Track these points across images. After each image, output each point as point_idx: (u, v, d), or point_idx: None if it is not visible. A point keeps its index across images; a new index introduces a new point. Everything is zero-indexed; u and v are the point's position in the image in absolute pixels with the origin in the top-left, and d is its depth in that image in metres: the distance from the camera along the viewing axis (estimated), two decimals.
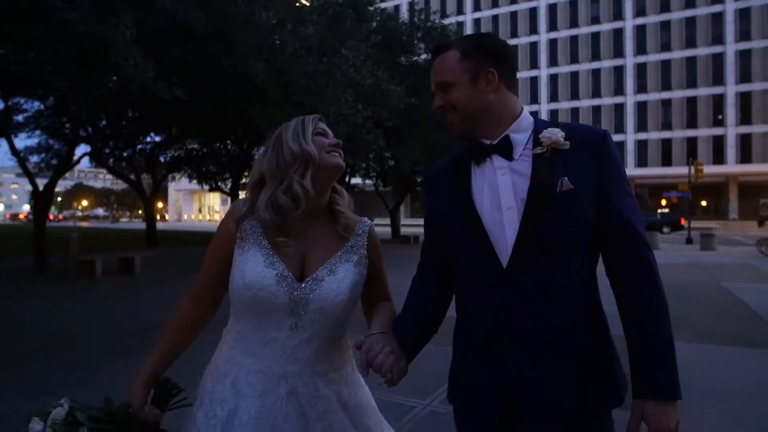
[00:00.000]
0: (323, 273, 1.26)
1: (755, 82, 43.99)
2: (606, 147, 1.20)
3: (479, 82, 1.21)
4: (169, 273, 11.77)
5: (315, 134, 1.30)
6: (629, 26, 48.65)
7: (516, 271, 1.18)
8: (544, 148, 1.18)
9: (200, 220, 69.32)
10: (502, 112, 1.23)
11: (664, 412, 1.11)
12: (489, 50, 1.24)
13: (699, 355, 4.74)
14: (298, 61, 7.33)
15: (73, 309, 7.35)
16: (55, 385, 3.91)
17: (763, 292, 8.39)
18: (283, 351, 1.24)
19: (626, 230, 1.18)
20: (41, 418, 1.13)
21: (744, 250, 17.33)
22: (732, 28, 44.66)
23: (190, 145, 21.35)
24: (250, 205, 1.29)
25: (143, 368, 1.28)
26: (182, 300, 1.36)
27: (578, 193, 1.16)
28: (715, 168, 43.56)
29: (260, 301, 1.22)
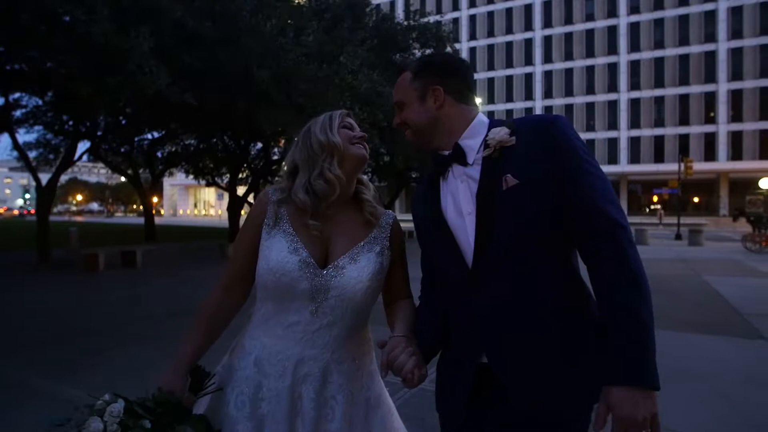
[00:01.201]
0: (345, 261, 1.31)
1: (747, 79, 44.52)
2: (554, 131, 1.18)
3: (427, 100, 1.28)
4: (171, 266, 12.05)
5: (341, 127, 1.38)
6: (623, 23, 49.02)
7: (481, 274, 1.20)
8: (491, 149, 1.20)
9: (195, 215, 69.36)
10: (452, 124, 1.28)
11: (631, 400, 1.04)
12: (436, 69, 1.29)
13: (671, 342, 5.10)
14: (300, 67, 7.73)
15: (81, 300, 7.63)
16: (74, 368, 4.21)
17: (741, 285, 8.79)
18: (303, 335, 1.29)
19: (588, 210, 1.13)
20: (97, 414, 1.12)
21: (730, 246, 17.77)
22: (724, 26, 45.12)
23: (186, 140, 21.53)
24: (281, 192, 1.37)
25: (181, 358, 1.30)
26: (213, 289, 1.39)
27: (526, 186, 1.15)
28: (706, 165, 44.13)
29: (282, 286, 1.27)
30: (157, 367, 1.25)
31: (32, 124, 15.42)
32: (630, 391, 1.05)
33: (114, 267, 11.16)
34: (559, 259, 1.19)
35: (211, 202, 69.88)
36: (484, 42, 55.47)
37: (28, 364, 4.34)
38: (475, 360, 1.23)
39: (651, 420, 1.05)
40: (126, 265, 11.51)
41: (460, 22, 55.47)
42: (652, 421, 1.06)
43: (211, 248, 15.96)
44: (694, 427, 3.10)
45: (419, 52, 15.42)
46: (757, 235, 16.56)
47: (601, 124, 50.29)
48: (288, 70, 7.62)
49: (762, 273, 10.53)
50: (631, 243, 1.13)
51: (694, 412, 3.33)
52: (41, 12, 5.19)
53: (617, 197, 1.17)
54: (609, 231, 1.12)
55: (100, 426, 1.09)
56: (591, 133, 50.59)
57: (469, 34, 56.00)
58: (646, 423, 1.05)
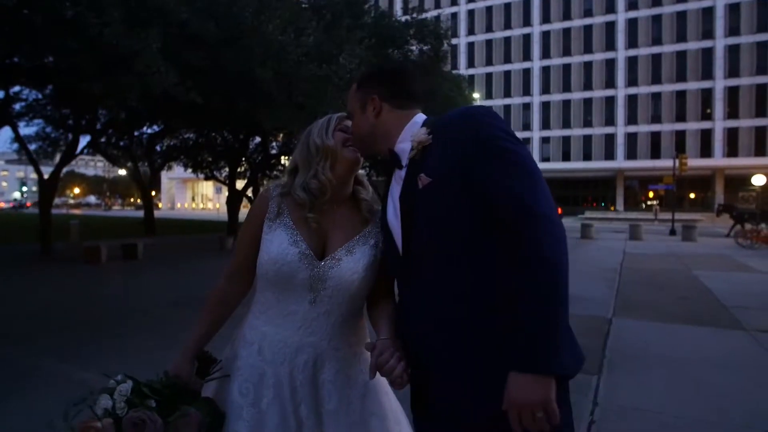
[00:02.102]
0: (342, 253, 1.38)
1: (743, 76, 44.72)
2: (467, 122, 1.18)
3: (367, 109, 1.32)
4: (172, 259, 12.25)
5: (338, 130, 1.44)
6: (621, 19, 49.11)
7: (409, 273, 1.24)
8: (414, 151, 1.23)
9: (193, 208, 69.41)
10: (390, 129, 1.31)
11: (523, 386, 1.03)
12: (373, 78, 1.35)
13: (653, 332, 5.35)
14: (300, 67, 7.96)
15: (87, 290, 7.83)
16: (86, 353, 4.42)
17: (728, 280, 9.04)
18: (302, 323, 1.36)
19: (498, 198, 1.10)
20: (109, 394, 1.20)
21: (723, 242, 18.04)
22: (722, 23, 45.27)
23: (185, 134, 21.66)
24: (282, 188, 1.45)
25: (188, 344, 1.40)
26: (219, 280, 1.48)
27: (438, 183, 1.16)
28: (702, 161, 44.40)
29: (282, 276, 1.35)
30: (164, 352, 1.34)
31: (32, 118, 15.55)
32: (521, 376, 1.03)
33: (115, 259, 11.35)
34: (483, 254, 1.13)
35: (208, 196, 69.95)
36: (482, 37, 55.50)
37: (42, 350, 4.54)
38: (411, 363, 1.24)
39: (544, 406, 1.03)
40: (127, 258, 11.70)
41: (459, 17, 55.47)
42: (546, 408, 1.03)
43: (211, 241, 16.16)
44: (667, 408, 3.33)
45: (417, 48, 15.55)
46: (748, 231, 16.85)
47: (598, 119, 50.48)
48: (289, 69, 7.85)
49: (751, 268, 10.78)
50: (549, 231, 1.06)
51: (670, 395, 3.57)
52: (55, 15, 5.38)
53: (540, 184, 1.11)
54: (520, 218, 1.07)
55: (110, 403, 1.17)
56: (588, 128, 50.78)
57: (468, 30, 56.01)
58: (538, 408, 1.02)
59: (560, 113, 52.01)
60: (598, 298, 7.02)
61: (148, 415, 1.15)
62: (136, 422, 1.14)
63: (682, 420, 3.15)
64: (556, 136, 52.03)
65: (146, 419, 1.15)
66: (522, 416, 1.04)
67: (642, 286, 8.21)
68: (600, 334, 5.17)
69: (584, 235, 19.48)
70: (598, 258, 12.47)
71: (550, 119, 52.28)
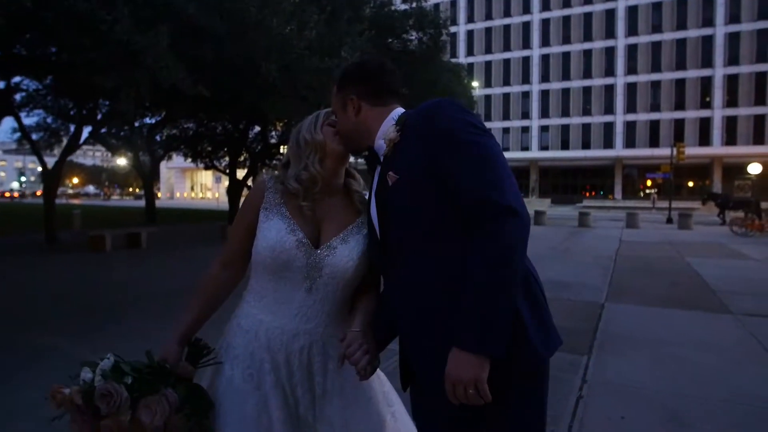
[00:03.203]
0: (337, 242, 1.43)
1: (743, 64, 44.66)
2: (428, 118, 1.21)
3: (347, 109, 1.37)
4: (174, 247, 12.44)
5: (327, 124, 1.48)
6: (621, 7, 48.88)
7: (388, 266, 1.32)
8: (386, 148, 1.29)
9: (192, 197, 69.53)
10: (370, 127, 1.35)
11: (457, 363, 1.10)
12: (350, 78, 1.39)
13: (642, 315, 5.57)
14: (303, 60, 8.13)
15: (95, 278, 8.04)
16: (97, 337, 4.63)
17: (720, 266, 9.25)
18: (299, 310, 1.41)
19: (464, 197, 1.13)
20: (91, 368, 1.26)
21: (718, 230, 18.25)
22: (722, 10, 45.09)
23: (185, 124, 21.74)
24: (277, 179, 1.50)
25: (177, 328, 1.42)
26: (212, 265, 1.50)
27: (406, 181, 1.20)
28: (701, 150, 44.49)
29: (280, 263, 1.39)
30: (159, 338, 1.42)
31: (32, 108, 15.63)
32: (458, 353, 1.10)
33: (120, 248, 11.55)
34: (449, 246, 1.18)
35: (208, 185, 70.01)
36: (481, 25, 55.24)
37: (55, 332, 4.75)
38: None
39: (475, 383, 1.09)
40: (131, 246, 11.90)
41: (458, 5, 55.16)
42: (476, 386, 1.09)
43: (213, 230, 16.34)
44: (650, 384, 3.54)
45: (416, 37, 15.60)
46: (743, 219, 17.06)
47: (597, 108, 50.46)
48: (292, 63, 8.02)
49: (743, 255, 10.99)
50: (509, 221, 1.09)
51: (654, 373, 3.78)
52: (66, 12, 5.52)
53: (504, 175, 1.13)
54: (482, 211, 1.10)
55: (89, 375, 1.25)
56: (587, 117, 50.77)
57: (467, 17, 55.71)
58: (470, 384, 1.09)
59: (559, 102, 51.96)
60: (592, 285, 7.23)
61: (115, 388, 1.20)
62: (104, 393, 1.20)
63: (663, 394, 3.36)
64: (555, 124, 52.02)
65: (112, 391, 1.19)
66: (456, 390, 1.11)
67: (635, 273, 8.42)
68: (592, 318, 5.38)
69: (582, 223, 19.69)
70: (595, 246, 12.68)
71: (549, 107, 52.23)
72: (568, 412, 3.08)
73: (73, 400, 1.22)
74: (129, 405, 1.21)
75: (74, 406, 1.22)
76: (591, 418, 3.01)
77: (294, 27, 8.04)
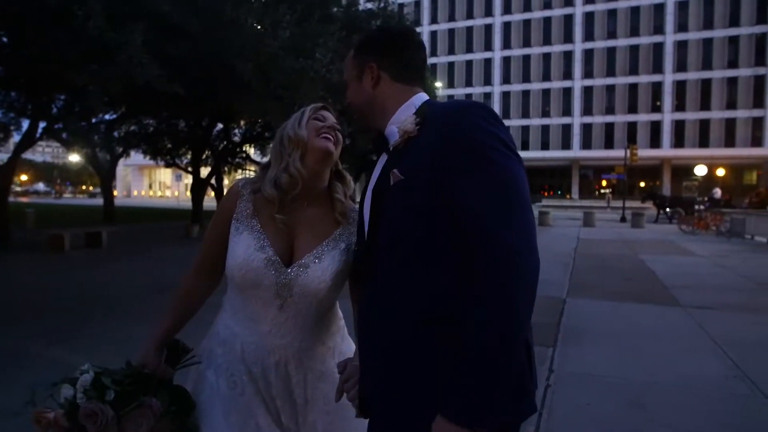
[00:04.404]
0: (310, 259, 1.33)
1: (690, 71, 47.07)
2: (456, 122, 1.03)
3: (364, 78, 1.21)
4: (137, 246, 12.15)
5: (312, 119, 1.38)
6: (579, 12, 50.60)
7: (368, 270, 1.16)
8: (399, 140, 1.11)
9: (151, 196, 67.47)
10: (386, 105, 1.19)
11: None
12: (372, 44, 1.22)
13: (598, 309, 5.92)
14: (278, 60, 8.15)
15: (56, 278, 7.79)
16: (63, 338, 4.55)
17: (670, 262, 9.85)
18: (271, 327, 1.34)
19: (469, 224, 0.97)
20: (71, 384, 1.22)
21: (668, 228, 19.25)
22: (671, 19, 47.35)
23: (145, 120, 21.15)
24: (252, 184, 1.41)
25: (154, 334, 1.37)
26: (187, 273, 1.44)
27: (408, 183, 1.05)
28: (652, 152, 46.65)
29: (249, 282, 1.32)
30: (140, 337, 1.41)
31: None
32: (447, 424, 0.93)
33: (79, 248, 11.19)
34: (433, 267, 1.02)
35: (167, 183, 68.06)
36: (445, 26, 56.00)
37: (21, 335, 4.64)
38: None
39: None
40: (91, 246, 11.55)
41: (422, 6, 55.75)
42: None
43: (176, 229, 16.00)
44: (611, 372, 3.82)
45: None
46: (690, 218, 18.10)
47: (556, 110, 52.08)
48: (266, 62, 8.04)
49: (691, 252, 11.70)
50: (513, 269, 0.92)
51: (613, 362, 4.07)
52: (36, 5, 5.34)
53: (520, 209, 0.97)
54: (483, 248, 0.94)
55: (71, 392, 1.21)
56: (546, 118, 52.33)
57: (431, 18, 56.36)
58: None
59: (520, 103, 53.30)
60: (554, 281, 7.58)
61: (101, 408, 1.18)
62: (89, 413, 1.18)
63: (623, 381, 3.64)
64: (516, 125, 53.36)
65: (98, 412, 1.17)
66: None
67: (593, 269, 8.87)
68: (555, 313, 5.68)
69: (542, 222, 20.37)
70: (555, 244, 13.18)
71: (510, 109, 53.50)
72: (538, 400, 3.30)
73: (59, 423, 1.20)
74: (116, 422, 1.19)
75: (61, 428, 1.21)
76: (559, 406, 3.24)
77: (268, 26, 8.04)
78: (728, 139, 46.19)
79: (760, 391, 3.48)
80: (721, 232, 16.19)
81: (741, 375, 3.78)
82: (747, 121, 45.76)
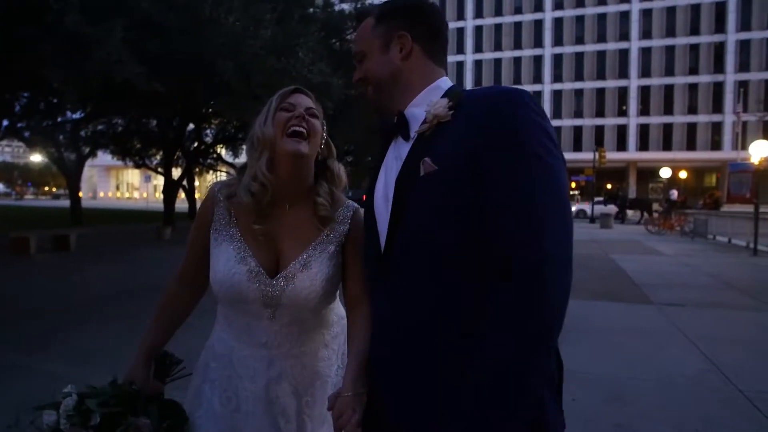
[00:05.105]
0: (296, 268, 1.22)
1: (654, 77, 48.69)
2: (502, 111, 0.91)
3: (391, 48, 1.06)
4: (108, 249, 11.82)
5: (280, 109, 1.22)
6: (548, 18, 51.74)
7: (387, 272, 1.02)
8: (426, 125, 0.99)
9: (118, 197, 65.63)
10: (413, 81, 1.06)
11: None
12: (403, 11, 1.07)
13: (578, 307, 6.06)
14: (259, 60, 8.08)
15: (21, 284, 7.50)
16: (35, 345, 4.40)
17: (639, 261, 10.18)
18: (266, 337, 1.25)
19: (503, 226, 0.88)
20: (54, 409, 1.16)
21: (635, 228, 19.88)
22: (636, 26, 48.91)
23: (114, 119, 20.61)
24: (228, 187, 1.28)
25: (141, 348, 1.27)
26: (171, 280, 1.35)
27: (444, 174, 0.93)
28: (618, 154, 48.00)
29: (233, 295, 1.22)
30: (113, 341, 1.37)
31: None
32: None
33: (46, 251, 10.81)
34: (467, 272, 0.92)
35: (135, 185, 66.31)
36: None
37: None
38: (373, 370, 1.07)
39: None
40: (59, 249, 11.16)
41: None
42: None
43: (147, 231, 15.63)
44: (591, 368, 3.93)
45: None
46: (656, 219, 18.73)
47: None
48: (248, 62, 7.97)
49: (658, 251, 12.13)
50: (555, 283, 0.85)
51: (593, 359, 4.19)
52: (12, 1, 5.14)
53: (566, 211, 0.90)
54: (524, 257, 0.85)
55: (54, 418, 1.15)
56: None
57: None
58: None
59: None
60: None
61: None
62: None
63: (605, 377, 3.76)
64: None
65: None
66: None
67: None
68: None
69: None
70: None
71: None
72: None
73: None
74: None
75: None
76: None
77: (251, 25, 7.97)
78: (690, 143, 47.97)
79: (732, 383, 3.64)
80: (685, 232, 16.81)
81: (714, 369, 3.95)
82: (707, 126, 47.62)
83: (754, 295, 6.95)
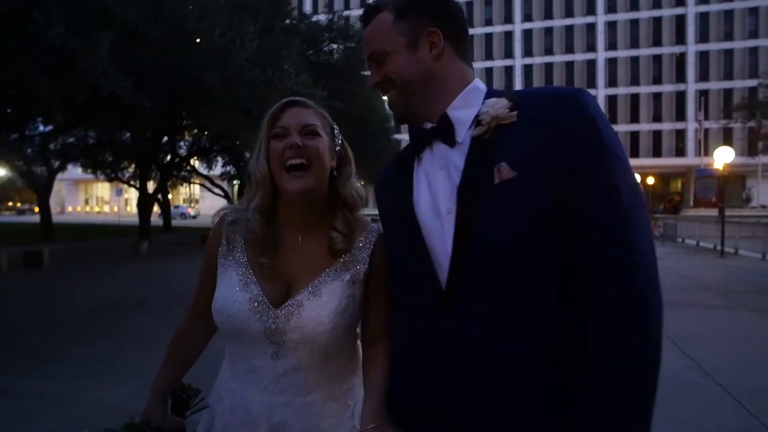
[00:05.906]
0: (304, 296, 1.08)
1: (620, 86, 50.35)
2: (574, 106, 0.87)
3: (420, 47, 0.96)
4: (83, 265, 11.53)
5: (273, 137, 1.09)
6: (518, 30, 53.06)
7: (456, 295, 0.89)
8: (484, 127, 0.90)
9: (87, 212, 63.90)
10: (448, 84, 0.97)
11: None
12: (430, 6, 0.98)
13: None
14: (244, 72, 8.09)
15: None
16: (20, 365, 4.29)
17: None
18: (268, 380, 1.09)
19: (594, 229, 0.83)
20: None
21: None
22: (602, 38, 50.58)
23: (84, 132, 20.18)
24: (236, 212, 1.16)
25: (155, 385, 1.20)
26: (181, 317, 1.27)
27: (524, 181, 0.85)
28: None
29: (234, 327, 1.09)
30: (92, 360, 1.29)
31: None
32: None
33: (17, 268, 10.47)
34: (558, 283, 0.85)
35: (105, 198, 64.70)
36: None
37: None
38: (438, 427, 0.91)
39: None
40: (31, 266, 10.82)
41: None
42: None
43: (122, 246, 15.29)
44: None
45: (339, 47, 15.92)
46: None
47: None
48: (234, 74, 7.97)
49: None
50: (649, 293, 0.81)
51: None
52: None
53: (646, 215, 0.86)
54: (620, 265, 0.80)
55: None
56: None
57: None
58: None
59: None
60: None
61: None
62: None
63: None
64: None
65: None
66: None
67: None
68: None
69: None
70: None
71: None
72: None
73: None
74: None
75: None
76: None
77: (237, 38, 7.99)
78: (656, 150, 49.63)
79: (713, 380, 3.81)
80: (656, 235, 17.36)
81: (695, 366, 4.12)
82: (671, 133, 49.38)
83: (725, 295, 7.26)
